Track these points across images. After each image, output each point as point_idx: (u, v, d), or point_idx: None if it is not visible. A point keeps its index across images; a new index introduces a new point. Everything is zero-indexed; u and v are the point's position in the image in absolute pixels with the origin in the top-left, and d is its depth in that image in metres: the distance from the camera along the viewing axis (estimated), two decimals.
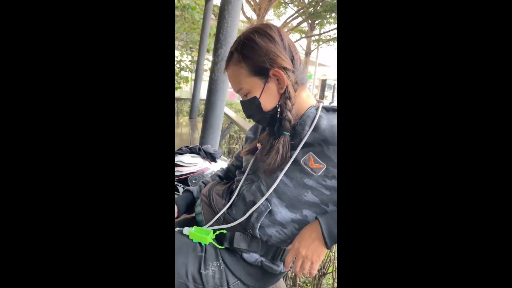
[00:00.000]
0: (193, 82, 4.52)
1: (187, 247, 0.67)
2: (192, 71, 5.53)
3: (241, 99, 0.67)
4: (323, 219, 0.56)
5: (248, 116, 0.68)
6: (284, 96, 0.61)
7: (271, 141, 0.65)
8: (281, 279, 0.83)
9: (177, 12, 4.86)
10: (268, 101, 0.62)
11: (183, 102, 5.41)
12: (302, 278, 1.53)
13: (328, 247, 0.56)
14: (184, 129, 3.50)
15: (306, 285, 1.49)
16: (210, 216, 0.72)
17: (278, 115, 0.63)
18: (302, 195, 0.60)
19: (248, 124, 2.43)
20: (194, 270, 0.65)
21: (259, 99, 0.62)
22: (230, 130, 2.98)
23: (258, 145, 0.69)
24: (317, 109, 0.62)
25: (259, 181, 0.66)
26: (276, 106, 0.62)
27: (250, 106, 0.64)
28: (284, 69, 0.60)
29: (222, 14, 1.42)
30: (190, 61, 5.62)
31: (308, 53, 12.65)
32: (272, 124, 0.66)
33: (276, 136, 0.65)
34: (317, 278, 1.36)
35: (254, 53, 0.60)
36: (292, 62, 0.62)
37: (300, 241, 0.58)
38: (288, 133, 0.62)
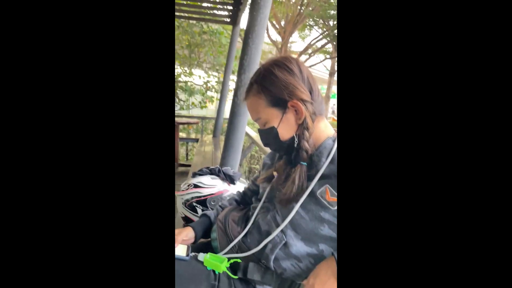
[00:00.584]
0: (217, 101, 4.69)
1: (200, 274, 0.67)
2: (217, 92, 5.76)
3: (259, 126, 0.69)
4: None
5: (265, 144, 0.68)
6: (302, 127, 0.62)
7: (288, 170, 0.64)
8: None
9: (205, 37, 5.16)
10: (286, 131, 0.63)
11: (208, 121, 5.60)
12: None
13: None
14: (208, 147, 3.59)
15: None
16: (225, 243, 0.72)
17: (295, 145, 0.63)
18: (318, 228, 0.59)
19: None
20: None
21: (277, 128, 0.63)
22: (251, 150, 3.00)
23: (275, 173, 0.69)
24: (334, 141, 0.62)
25: (274, 211, 0.65)
26: (293, 136, 0.63)
27: (268, 136, 0.65)
28: (303, 100, 0.61)
29: (246, 41, 1.48)
30: (216, 82, 5.87)
31: (332, 73, 12.65)
32: (289, 153, 0.66)
33: (293, 165, 0.64)
34: None
35: (273, 85, 0.62)
36: (310, 93, 0.63)
37: (315, 278, 0.55)
38: (305, 164, 0.62)
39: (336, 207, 0.57)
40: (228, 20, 4.09)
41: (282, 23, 9.65)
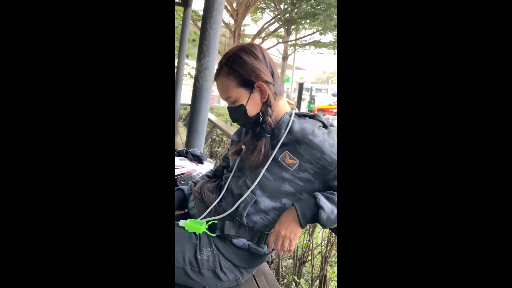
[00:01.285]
0: None
1: (184, 236, 0.77)
2: None
3: (226, 105, 0.79)
4: (298, 204, 0.69)
5: (234, 120, 0.79)
6: (266, 105, 0.74)
7: (254, 143, 0.77)
8: (266, 263, 0.95)
9: None
10: (253, 108, 0.75)
11: None
12: (285, 269, 1.66)
13: (302, 226, 0.69)
14: None
15: (288, 274, 1.63)
16: (202, 209, 0.83)
17: (260, 120, 0.75)
18: (281, 186, 0.73)
19: (228, 127, 2.54)
20: (190, 255, 0.75)
21: (246, 106, 0.74)
22: (212, 134, 3.06)
23: (243, 146, 0.81)
24: (290, 115, 0.76)
25: (245, 177, 0.77)
26: (258, 112, 0.75)
27: (237, 112, 0.76)
28: (266, 82, 0.73)
29: (204, 26, 1.53)
30: None
31: (285, 57, 12.99)
32: (254, 127, 0.79)
33: (258, 138, 0.77)
34: (297, 267, 1.50)
35: (242, 68, 0.72)
36: (272, 76, 0.75)
37: (280, 224, 0.70)
38: (269, 135, 0.75)
39: (293, 168, 0.72)
40: (179, 1, 3.92)
41: (234, 5, 9.47)
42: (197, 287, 0.78)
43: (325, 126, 0.75)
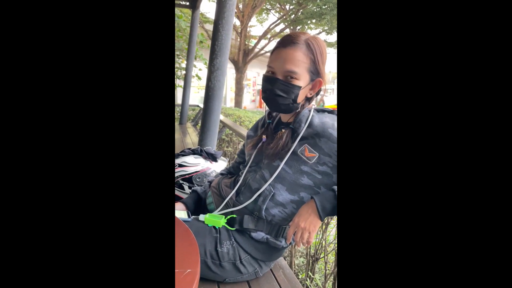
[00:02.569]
0: (179, 88, 4.60)
1: (204, 230, 0.80)
2: (178, 77, 5.60)
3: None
4: (317, 197, 0.71)
5: (274, 95, 0.74)
6: (308, 99, 0.78)
7: (273, 135, 0.80)
8: (282, 258, 0.97)
9: None
10: (301, 96, 0.76)
11: None
12: (297, 264, 1.67)
13: (321, 219, 0.70)
14: (176, 134, 3.57)
15: (300, 272, 1.64)
16: (220, 204, 0.85)
17: (298, 109, 0.77)
18: (299, 179, 0.75)
19: (238, 126, 2.57)
20: (211, 248, 0.78)
21: (300, 90, 0.74)
22: (222, 134, 3.10)
23: (264, 136, 0.83)
24: (310, 111, 0.78)
25: (262, 171, 0.80)
26: (300, 102, 0.77)
27: (289, 89, 0.73)
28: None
29: (217, 27, 1.56)
30: (176, 67, 5.69)
31: None
32: (285, 111, 0.78)
33: (275, 131, 0.80)
34: (310, 263, 1.51)
35: (320, 57, 0.75)
36: None
37: (299, 217, 0.72)
38: (293, 127, 0.77)
39: (312, 161, 0.73)
40: (187, 3, 3.98)
41: (240, 6, 9.53)
42: (218, 280, 0.81)
43: None
